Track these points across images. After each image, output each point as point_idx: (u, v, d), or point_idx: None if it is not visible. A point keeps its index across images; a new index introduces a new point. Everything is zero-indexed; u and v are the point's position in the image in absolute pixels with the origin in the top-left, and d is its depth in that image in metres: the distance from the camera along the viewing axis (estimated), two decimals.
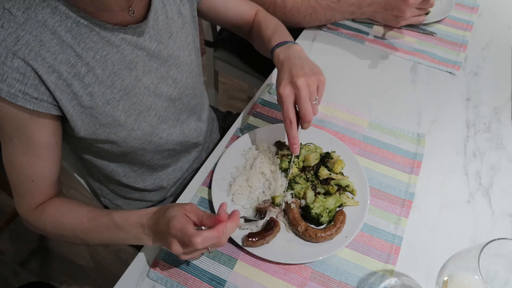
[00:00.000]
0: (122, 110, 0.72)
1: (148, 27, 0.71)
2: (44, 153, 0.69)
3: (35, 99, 0.62)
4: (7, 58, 0.58)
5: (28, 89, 0.60)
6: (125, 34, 0.68)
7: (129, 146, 0.77)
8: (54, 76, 0.62)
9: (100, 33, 0.65)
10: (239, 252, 0.73)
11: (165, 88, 0.78)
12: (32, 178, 0.70)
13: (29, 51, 0.59)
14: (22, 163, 0.69)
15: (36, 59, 0.60)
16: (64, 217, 0.72)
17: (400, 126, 0.94)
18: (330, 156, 0.81)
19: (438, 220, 0.80)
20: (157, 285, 0.69)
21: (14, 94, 0.60)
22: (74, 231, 0.71)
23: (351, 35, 1.17)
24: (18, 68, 0.59)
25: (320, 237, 0.71)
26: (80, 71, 0.65)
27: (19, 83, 0.60)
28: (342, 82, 1.04)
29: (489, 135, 0.95)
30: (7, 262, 1.71)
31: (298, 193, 0.78)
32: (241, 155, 0.85)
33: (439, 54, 1.13)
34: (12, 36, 0.58)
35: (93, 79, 0.66)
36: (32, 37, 0.59)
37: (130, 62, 0.70)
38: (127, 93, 0.72)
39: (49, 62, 0.61)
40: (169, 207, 0.64)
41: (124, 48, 0.69)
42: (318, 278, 0.71)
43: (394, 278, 0.72)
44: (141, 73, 0.73)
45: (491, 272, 0.56)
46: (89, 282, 1.65)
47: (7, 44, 0.58)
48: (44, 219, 0.73)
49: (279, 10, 1.10)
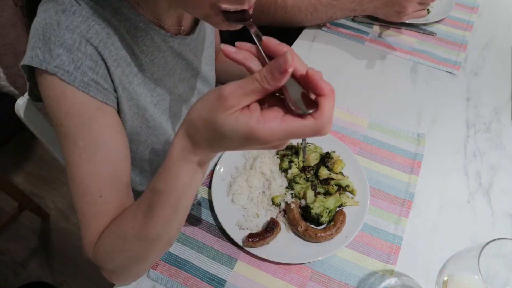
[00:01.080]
0: (159, 114, 0.73)
1: (191, 40, 0.74)
2: (112, 156, 0.60)
3: (105, 90, 0.59)
4: (81, 44, 0.55)
5: (99, 78, 0.58)
6: (173, 43, 0.70)
7: (164, 150, 0.78)
8: (119, 70, 0.61)
9: (154, 38, 0.66)
10: (239, 252, 0.73)
11: (193, 99, 0.81)
12: (101, 193, 0.59)
13: (99, 41, 0.57)
14: (89, 175, 0.58)
15: (105, 50, 0.58)
16: (121, 227, 0.58)
17: (400, 126, 0.94)
18: (330, 156, 0.81)
19: (438, 220, 0.80)
20: (157, 285, 0.69)
21: (88, 83, 0.56)
22: (134, 233, 0.55)
23: (351, 35, 1.17)
24: (91, 55, 0.56)
25: (320, 237, 0.71)
26: (133, 70, 0.65)
27: (92, 71, 0.57)
28: (342, 82, 1.04)
29: (489, 135, 0.95)
30: (7, 262, 1.71)
31: (298, 193, 0.78)
32: (241, 155, 0.85)
33: (439, 54, 1.13)
34: (85, 23, 0.56)
35: (141, 80, 0.67)
36: (101, 28, 0.58)
37: (171, 68, 0.72)
38: (164, 98, 0.73)
39: (114, 55, 0.60)
40: (199, 114, 0.44)
41: (168, 54, 0.70)
42: (318, 278, 0.71)
43: (394, 278, 0.72)
44: (177, 80, 0.75)
45: (491, 272, 0.56)
46: (89, 282, 1.65)
47: (81, 30, 0.56)
48: (102, 244, 0.59)
49: (280, 10, 1.10)
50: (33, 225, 1.82)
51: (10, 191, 1.59)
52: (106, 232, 0.59)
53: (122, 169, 0.62)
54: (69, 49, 0.55)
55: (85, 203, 0.59)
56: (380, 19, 1.13)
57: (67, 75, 0.55)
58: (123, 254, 0.58)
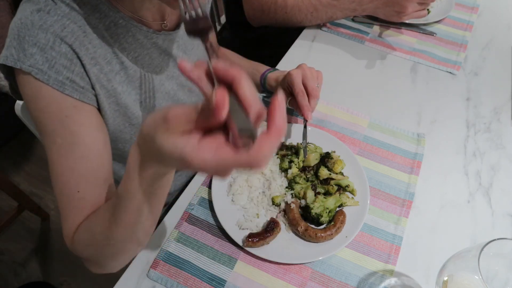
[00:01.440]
0: (145, 111, 0.73)
1: (177, 36, 0.74)
2: (90, 152, 0.61)
3: (82, 88, 0.59)
4: (55, 43, 0.56)
5: (75, 77, 0.58)
6: (157, 40, 0.69)
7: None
8: (96, 68, 0.61)
9: (135, 35, 0.66)
10: (239, 252, 0.73)
11: (182, 96, 0.80)
12: (78, 188, 0.61)
13: (75, 39, 0.57)
14: (66, 170, 0.60)
15: (80, 48, 0.58)
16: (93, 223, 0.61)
17: (400, 126, 0.94)
18: (330, 156, 0.81)
19: (438, 220, 0.80)
20: (157, 285, 0.69)
21: (62, 81, 0.57)
22: (102, 231, 0.58)
23: (351, 35, 1.17)
24: (66, 53, 0.57)
25: (320, 237, 0.71)
26: (114, 68, 0.65)
27: (67, 69, 0.57)
28: (342, 82, 1.04)
29: (489, 135, 0.95)
30: (7, 262, 1.71)
31: (298, 193, 0.78)
32: None
33: (439, 54, 1.13)
34: (59, 23, 0.56)
35: (124, 78, 0.67)
36: (76, 27, 0.58)
37: (157, 65, 0.72)
38: (150, 95, 0.73)
39: (91, 53, 0.60)
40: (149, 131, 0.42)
41: (153, 51, 0.70)
42: (318, 278, 0.71)
43: (394, 278, 0.72)
44: (165, 78, 0.74)
45: (491, 272, 0.56)
46: (89, 282, 1.65)
47: (55, 29, 0.56)
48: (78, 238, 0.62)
49: (280, 10, 1.10)
50: (33, 225, 1.82)
51: (10, 191, 1.59)
52: (83, 226, 0.61)
53: (100, 165, 0.63)
54: (42, 48, 0.55)
55: (64, 198, 0.62)
56: (380, 19, 1.13)
57: (41, 74, 0.55)
58: (96, 249, 0.60)
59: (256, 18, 1.18)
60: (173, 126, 0.38)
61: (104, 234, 0.57)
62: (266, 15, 1.14)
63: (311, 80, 0.82)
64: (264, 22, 1.18)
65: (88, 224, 0.61)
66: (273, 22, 1.16)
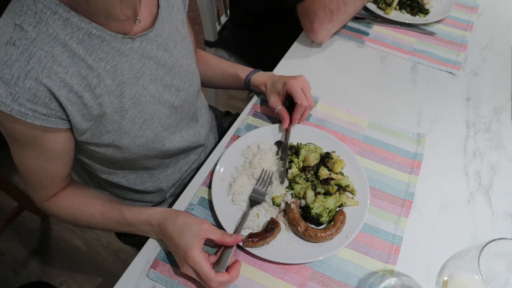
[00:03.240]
0: (129, 118, 0.73)
1: (156, 35, 0.73)
2: (57, 158, 0.71)
3: (44, 115, 0.62)
4: (19, 79, 0.58)
5: (38, 107, 0.60)
6: (133, 44, 0.69)
7: (132, 153, 0.78)
8: (66, 90, 0.62)
9: (111, 43, 0.65)
10: (239, 252, 0.73)
11: (169, 96, 0.79)
12: (46, 177, 0.73)
13: (42, 68, 0.59)
14: (37, 167, 0.71)
15: (49, 76, 0.60)
16: (77, 210, 0.77)
17: (400, 126, 0.94)
18: (330, 156, 0.81)
19: (438, 220, 0.80)
20: (157, 285, 0.69)
21: (24, 112, 0.60)
22: (87, 223, 0.78)
23: (351, 35, 1.17)
24: (29, 88, 0.59)
25: (320, 237, 0.71)
26: (91, 82, 0.65)
27: (30, 102, 0.59)
28: (342, 82, 1.04)
29: (489, 135, 0.95)
30: (7, 262, 1.71)
31: (298, 193, 0.78)
32: (241, 155, 0.85)
33: (439, 54, 1.13)
34: (25, 54, 0.58)
35: (104, 89, 0.67)
36: (44, 53, 0.59)
37: (138, 71, 0.71)
38: (134, 101, 0.72)
39: (60, 76, 0.61)
40: (183, 221, 0.68)
41: (133, 57, 0.70)
42: (318, 278, 0.71)
43: (394, 278, 0.72)
44: (148, 81, 0.74)
45: (491, 272, 0.56)
46: (89, 282, 1.65)
47: (19, 64, 0.58)
48: (57, 211, 0.78)
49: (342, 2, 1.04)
50: (33, 225, 1.82)
51: (10, 191, 1.59)
52: (63, 205, 0.77)
53: (66, 165, 0.74)
54: (6, 83, 0.58)
55: (33, 179, 0.73)
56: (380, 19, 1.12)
57: (3, 106, 0.59)
58: (72, 223, 0.81)
59: (326, 28, 1.06)
60: (202, 243, 0.67)
61: (87, 225, 0.78)
62: (336, 15, 1.04)
63: (309, 92, 0.89)
64: (335, 27, 1.08)
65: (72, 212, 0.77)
66: (345, 18, 1.07)
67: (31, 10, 0.58)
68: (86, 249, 1.74)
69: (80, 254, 1.72)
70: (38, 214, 1.79)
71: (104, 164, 0.83)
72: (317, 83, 1.01)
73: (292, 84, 0.87)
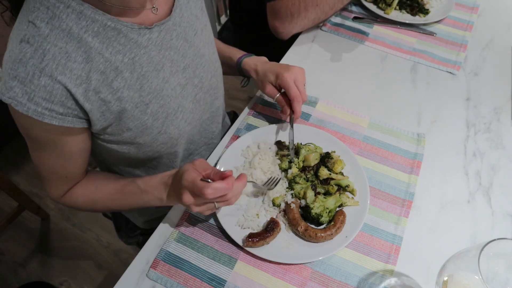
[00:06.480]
0: (150, 113, 0.70)
1: (174, 24, 0.70)
2: (76, 157, 0.71)
3: (61, 114, 0.61)
4: (34, 76, 0.57)
5: (54, 106, 0.59)
6: (151, 34, 0.66)
7: (155, 151, 0.77)
8: (83, 87, 0.61)
9: (128, 34, 0.63)
10: (239, 252, 0.73)
11: (191, 89, 0.77)
12: (66, 175, 0.74)
13: (56, 65, 0.58)
14: (57, 166, 0.71)
15: (64, 73, 0.58)
16: (94, 193, 0.78)
17: (400, 126, 0.94)
18: (330, 156, 0.81)
19: (438, 220, 0.80)
20: (157, 285, 0.69)
21: (41, 112, 0.59)
22: (105, 204, 0.79)
23: (351, 35, 1.17)
24: (45, 86, 0.57)
25: (320, 237, 0.71)
26: (108, 76, 0.63)
27: (46, 101, 0.58)
28: (342, 82, 1.04)
29: (489, 135, 0.95)
30: (7, 262, 1.71)
31: (298, 193, 0.78)
32: (241, 155, 0.85)
33: (439, 54, 1.13)
34: (39, 51, 0.56)
35: (122, 83, 0.65)
36: (58, 50, 0.58)
37: (158, 63, 0.69)
38: (156, 95, 0.70)
39: (76, 73, 0.60)
40: (184, 166, 0.68)
41: (151, 49, 0.67)
42: (318, 278, 0.71)
43: (394, 278, 0.72)
44: (168, 74, 0.71)
45: (491, 272, 0.56)
46: (89, 282, 1.65)
47: (34, 61, 0.56)
48: (75, 201, 0.78)
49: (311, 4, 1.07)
50: (33, 225, 1.82)
51: (10, 191, 1.59)
52: (80, 192, 0.77)
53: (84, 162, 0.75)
54: (22, 81, 0.57)
55: (52, 176, 0.74)
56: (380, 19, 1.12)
57: (20, 106, 0.58)
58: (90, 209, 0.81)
59: (285, 28, 1.11)
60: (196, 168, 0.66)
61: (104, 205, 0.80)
62: (296, 18, 1.09)
63: (302, 84, 0.85)
64: (295, 29, 1.11)
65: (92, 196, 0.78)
66: (305, 23, 1.11)
67: (43, 5, 0.57)
68: (86, 249, 1.74)
69: (80, 254, 1.72)
70: (38, 214, 1.79)
71: (121, 160, 0.82)
72: (317, 83, 1.01)
73: (285, 78, 0.83)
